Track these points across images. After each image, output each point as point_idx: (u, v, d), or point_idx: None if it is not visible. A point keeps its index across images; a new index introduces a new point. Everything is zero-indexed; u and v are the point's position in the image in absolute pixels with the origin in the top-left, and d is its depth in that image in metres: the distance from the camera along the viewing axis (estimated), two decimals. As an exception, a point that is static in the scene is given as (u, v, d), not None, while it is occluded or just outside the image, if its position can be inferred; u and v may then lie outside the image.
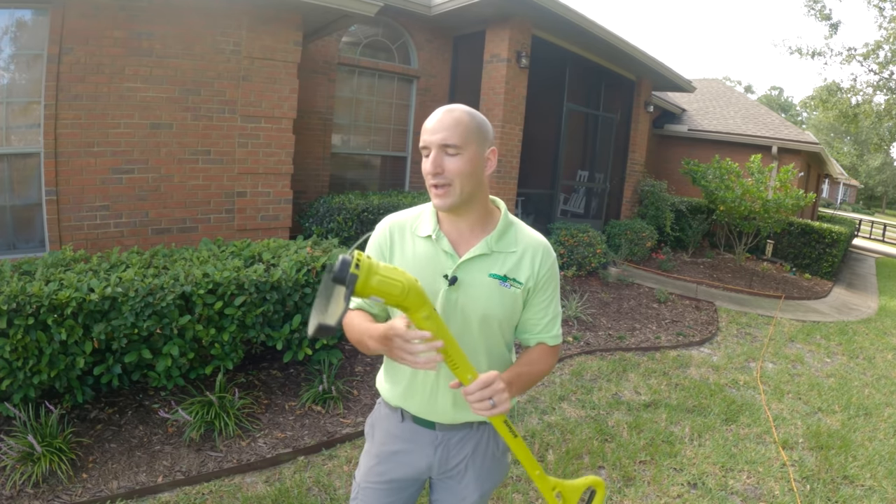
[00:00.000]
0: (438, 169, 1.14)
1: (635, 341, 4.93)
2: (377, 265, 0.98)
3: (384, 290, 0.97)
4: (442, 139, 1.14)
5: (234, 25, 4.20)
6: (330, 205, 5.28)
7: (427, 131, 1.16)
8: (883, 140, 18.15)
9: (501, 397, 1.06)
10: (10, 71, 3.57)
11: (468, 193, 1.17)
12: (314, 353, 3.42)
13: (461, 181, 1.15)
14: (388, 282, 0.97)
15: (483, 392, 1.05)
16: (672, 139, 12.59)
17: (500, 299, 1.21)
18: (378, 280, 0.96)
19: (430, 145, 1.15)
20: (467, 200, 1.19)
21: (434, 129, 1.15)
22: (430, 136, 1.15)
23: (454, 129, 1.14)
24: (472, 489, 1.33)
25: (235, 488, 2.44)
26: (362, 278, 0.94)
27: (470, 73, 6.99)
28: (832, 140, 41.75)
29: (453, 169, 1.14)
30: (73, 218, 3.74)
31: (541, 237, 1.30)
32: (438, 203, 1.18)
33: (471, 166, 1.16)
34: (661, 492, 2.71)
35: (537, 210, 8.07)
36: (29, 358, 2.47)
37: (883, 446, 3.43)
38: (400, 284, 0.98)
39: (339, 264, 0.93)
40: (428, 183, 1.18)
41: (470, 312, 1.21)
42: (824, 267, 9.49)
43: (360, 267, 0.94)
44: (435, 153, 1.15)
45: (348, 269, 0.92)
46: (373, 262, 0.97)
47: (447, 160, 1.14)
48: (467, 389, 1.06)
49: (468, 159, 1.15)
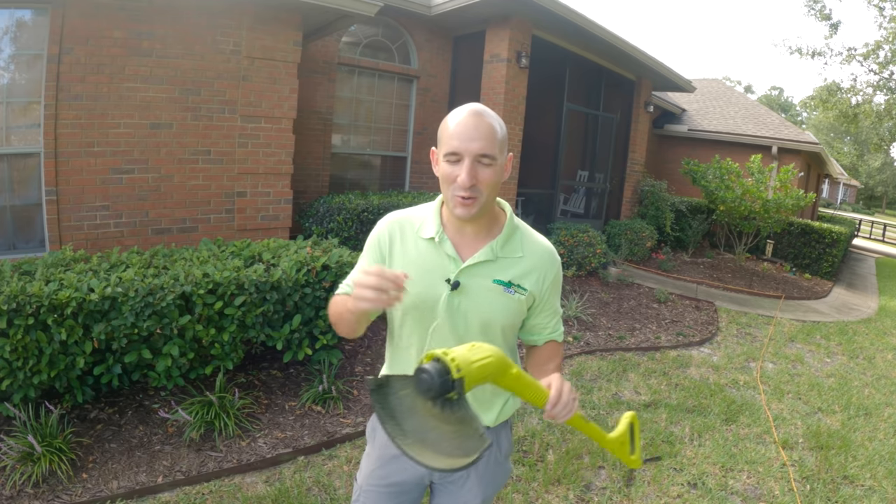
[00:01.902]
0: (474, 181, 1.08)
1: (635, 341, 4.93)
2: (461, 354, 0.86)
3: (485, 373, 0.87)
4: (480, 149, 1.07)
5: (234, 25, 4.20)
6: (330, 205, 5.28)
7: (460, 138, 1.08)
8: (883, 140, 18.14)
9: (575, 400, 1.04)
10: (10, 71, 3.57)
11: (489, 203, 1.14)
12: (314, 354, 3.42)
13: (488, 191, 1.11)
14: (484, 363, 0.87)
15: (567, 405, 1.01)
16: (672, 139, 12.58)
17: (504, 305, 1.19)
18: (478, 367, 0.86)
19: (466, 154, 1.08)
20: (485, 210, 1.15)
21: (470, 136, 1.07)
22: (466, 145, 1.07)
23: (491, 140, 1.08)
24: (475, 494, 1.32)
25: (235, 488, 2.44)
26: (467, 375, 0.83)
27: (470, 73, 6.99)
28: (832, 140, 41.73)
29: (486, 180, 1.10)
30: (73, 218, 3.74)
31: (546, 243, 1.28)
32: (463, 213, 1.12)
33: (498, 177, 1.12)
34: (661, 492, 2.71)
35: (537, 210, 8.07)
36: (29, 358, 2.47)
37: (883, 446, 3.43)
38: (492, 359, 0.89)
39: (436, 379, 0.81)
40: (454, 192, 1.11)
41: (472, 318, 1.18)
42: (824, 267, 9.49)
43: (459, 367, 0.82)
44: (470, 163, 1.08)
45: (450, 376, 0.81)
46: (454, 353, 0.85)
47: (481, 171, 1.09)
48: (552, 412, 1.01)
49: (497, 170, 1.11)
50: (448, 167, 1.11)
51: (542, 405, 1.01)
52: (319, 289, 3.24)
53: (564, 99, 7.67)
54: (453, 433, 0.83)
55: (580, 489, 2.66)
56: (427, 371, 0.82)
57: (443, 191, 1.16)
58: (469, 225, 1.20)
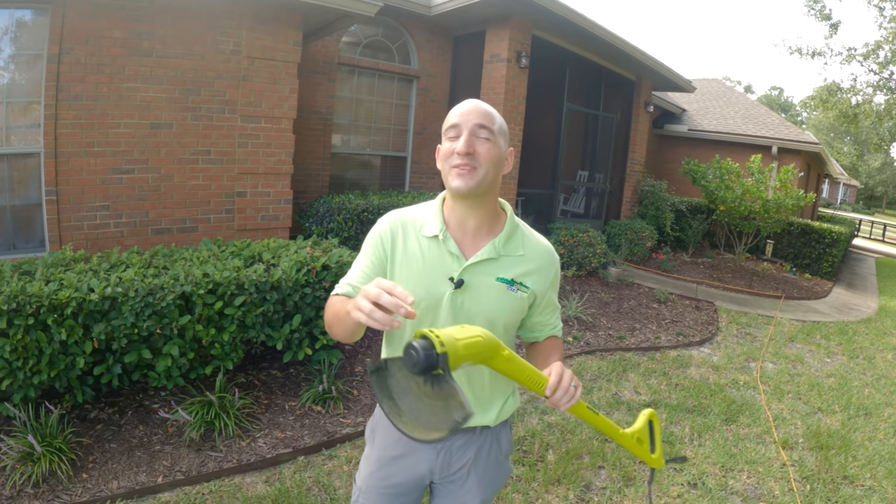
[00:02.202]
0: (471, 149, 1.12)
1: (635, 341, 4.93)
2: (447, 332, 0.88)
3: (472, 351, 0.89)
4: (478, 119, 1.14)
5: (234, 25, 4.20)
6: (330, 205, 5.28)
7: (459, 114, 1.15)
8: (883, 140, 18.13)
9: (576, 384, 1.05)
10: (10, 71, 3.57)
11: (489, 183, 1.16)
12: (314, 354, 3.42)
13: (487, 167, 1.14)
14: (471, 342, 0.89)
15: (568, 392, 1.02)
16: (672, 139, 12.58)
17: (507, 303, 1.20)
18: (463, 345, 0.88)
19: (464, 125, 1.14)
20: (485, 192, 1.17)
21: (468, 111, 1.15)
22: (465, 117, 1.14)
23: (489, 117, 1.15)
24: (474, 494, 1.32)
25: (235, 488, 2.44)
26: (451, 351, 0.85)
27: (470, 73, 6.99)
28: (832, 140, 41.73)
29: (484, 153, 1.13)
30: (73, 218, 3.74)
31: (546, 242, 1.30)
32: (460, 184, 1.13)
33: (498, 156, 1.17)
34: (661, 492, 2.71)
35: (537, 210, 8.07)
36: (29, 358, 2.47)
37: (883, 446, 3.43)
38: (480, 339, 0.91)
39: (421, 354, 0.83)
40: (450, 164, 1.14)
41: (475, 316, 1.19)
42: (824, 267, 9.49)
43: (443, 343, 0.85)
44: (468, 134, 1.13)
45: (434, 351, 0.84)
46: (441, 331, 0.88)
47: (479, 143, 1.14)
48: (553, 399, 1.02)
49: (495, 150, 1.16)
50: (448, 144, 1.16)
51: (541, 391, 1.02)
52: (319, 289, 3.24)
53: (564, 99, 7.67)
54: (442, 408, 0.87)
55: (580, 489, 2.66)
56: (414, 347, 0.85)
57: (443, 172, 1.19)
58: (471, 218, 1.21)
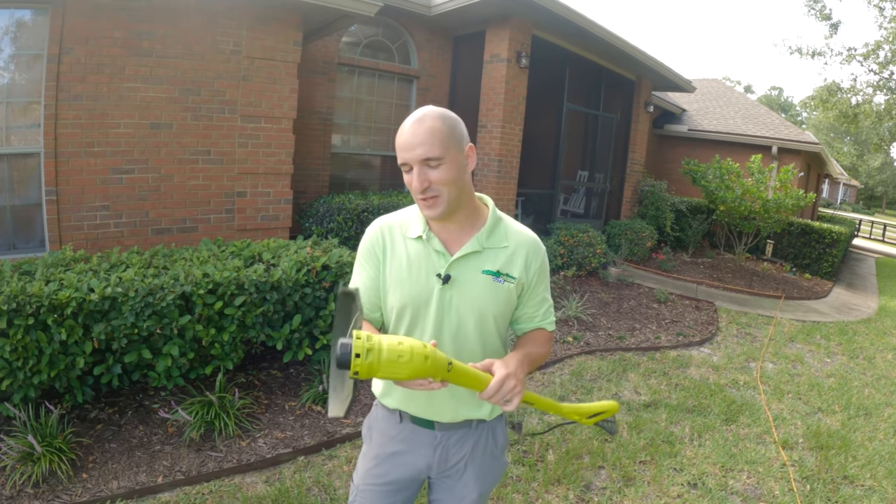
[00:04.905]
0: (426, 184, 1.13)
1: (635, 341, 4.93)
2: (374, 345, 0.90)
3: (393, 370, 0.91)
4: (422, 154, 1.12)
5: (234, 25, 4.20)
6: (330, 205, 5.28)
7: (403, 148, 1.13)
8: (883, 140, 18.14)
9: (516, 391, 1.08)
10: (10, 71, 3.57)
11: (455, 198, 1.18)
12: (314, 353, 3.42)
13: (448, 189, 1.15)
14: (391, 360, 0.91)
15: (500, 394, 1.06)
16: (672, 139, 12.58)
17: (494, 295, 1.23)
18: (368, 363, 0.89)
19: (411, 162, 1.13)
20: (455, 206, 1.19)
21: (410, 144, 1.12)
22: (409, 154, 1.12)
23: (431, 141, 1.12)
24: (472, 488, 1.34)
25: (235, 488, 2.44)
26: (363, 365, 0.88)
27: (470, 73, 6.99)
28: (832, 140, 41.72)
29: (439, 179, 1.14)
30: (73, 218, 3.74)
31: (530, 232, 1.31)
32: (430, 213, 1.18)
33: (455, 173, 1.15)
34: (661, 492, 2.71)
35: (537, 210, 8.07)
36: (29, 358, 2.47)
37: (883, 446, 3.43)
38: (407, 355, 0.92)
39: (339, 348, 0.87)
40: (414, 195, 1.18)
41: (465, 309, 1.22)
42: (824, 267, 9.49)
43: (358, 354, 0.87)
44: (418, 169, 1.13)
45: (350, 354, 0.87)
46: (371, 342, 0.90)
47: (431, 172, 1.13)
48: (484, 395, 1.07)
49: (451, 166, 1.14)
50: (406, 176, 1.17)
51: (481, 389, 1.07)
52: (319, 289, 3.24)
53: (564, 99, 7.67)
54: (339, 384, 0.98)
55: (580, 489, 2.66)
56: (344, 344, 0.88)
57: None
58: (452, 222, 1.24)
